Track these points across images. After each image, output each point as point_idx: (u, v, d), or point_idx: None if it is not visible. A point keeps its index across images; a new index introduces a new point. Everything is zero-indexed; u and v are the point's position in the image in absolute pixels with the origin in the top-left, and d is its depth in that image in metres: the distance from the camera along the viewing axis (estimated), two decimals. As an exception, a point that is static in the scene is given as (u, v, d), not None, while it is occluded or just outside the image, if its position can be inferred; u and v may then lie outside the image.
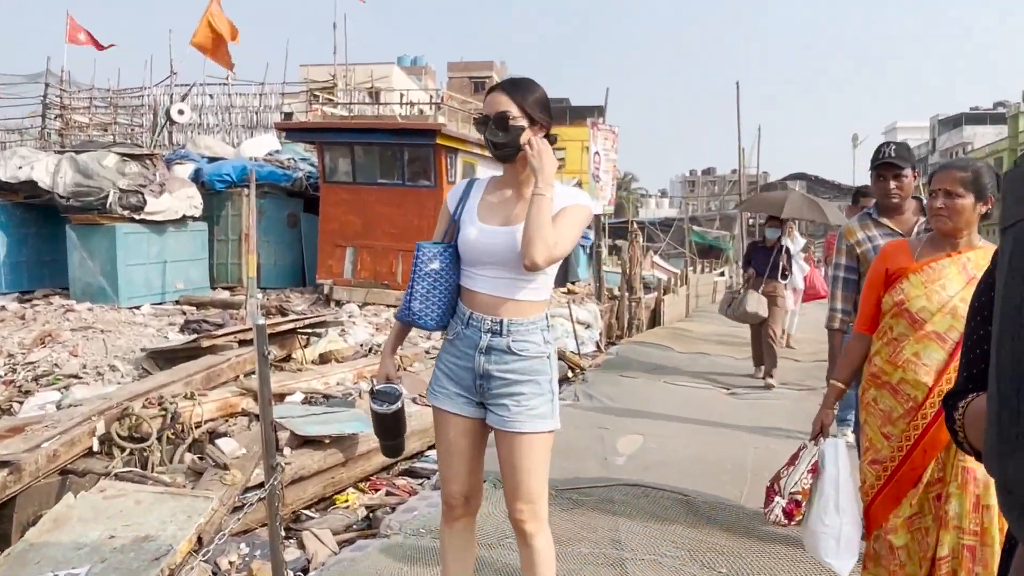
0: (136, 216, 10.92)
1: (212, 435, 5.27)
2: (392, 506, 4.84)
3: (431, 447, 5.80)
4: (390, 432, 2.73)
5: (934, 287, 2.68)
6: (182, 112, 15.95)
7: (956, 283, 2.67)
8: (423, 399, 6.40)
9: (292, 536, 4.48)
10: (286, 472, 4.66)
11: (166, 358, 7.20)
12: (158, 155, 12.33)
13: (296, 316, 9.06)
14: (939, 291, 2.67)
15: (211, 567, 3.94)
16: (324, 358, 7.95)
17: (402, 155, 12.41)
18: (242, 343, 7.01)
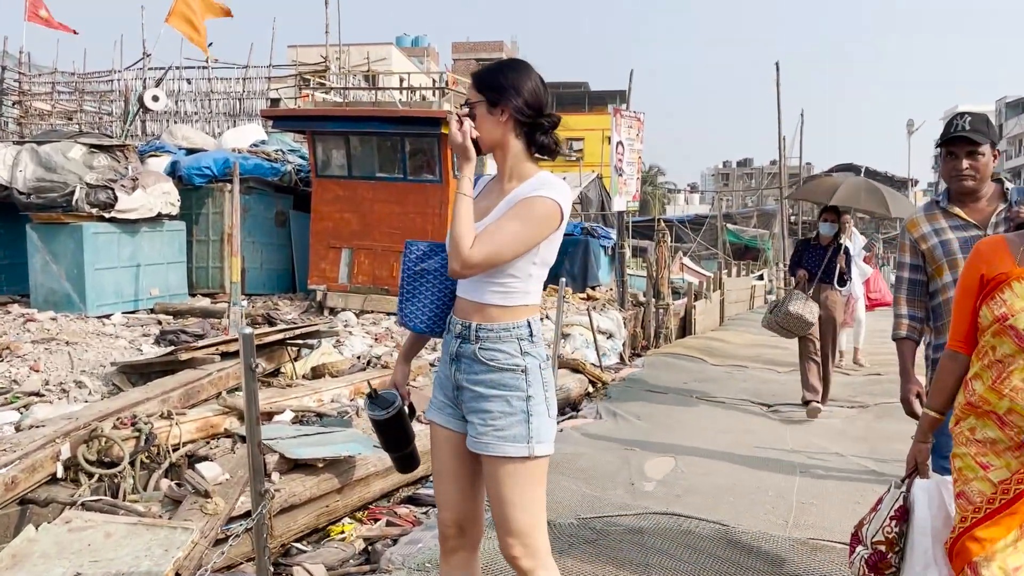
0: (105, 214, 10.93)
1: (191, 459, 5.28)
2: (393, 538, 4.83)
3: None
4: (393, 442, 2.77)
5: None
6: (156, 98, 15.97)
7: None
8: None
9: (281, 572, 4.46)
10: (275, 500, 4.65)
11: (140, 373, 7.21)
12: (130, 146, 12.35)
13: (285, 325, 9.06)
14: None
15: (191, 607, 3.93)
16: (317, 372, 7.96)
17: (403, 146, 12.39)
18: (225, 356, 7.02)
